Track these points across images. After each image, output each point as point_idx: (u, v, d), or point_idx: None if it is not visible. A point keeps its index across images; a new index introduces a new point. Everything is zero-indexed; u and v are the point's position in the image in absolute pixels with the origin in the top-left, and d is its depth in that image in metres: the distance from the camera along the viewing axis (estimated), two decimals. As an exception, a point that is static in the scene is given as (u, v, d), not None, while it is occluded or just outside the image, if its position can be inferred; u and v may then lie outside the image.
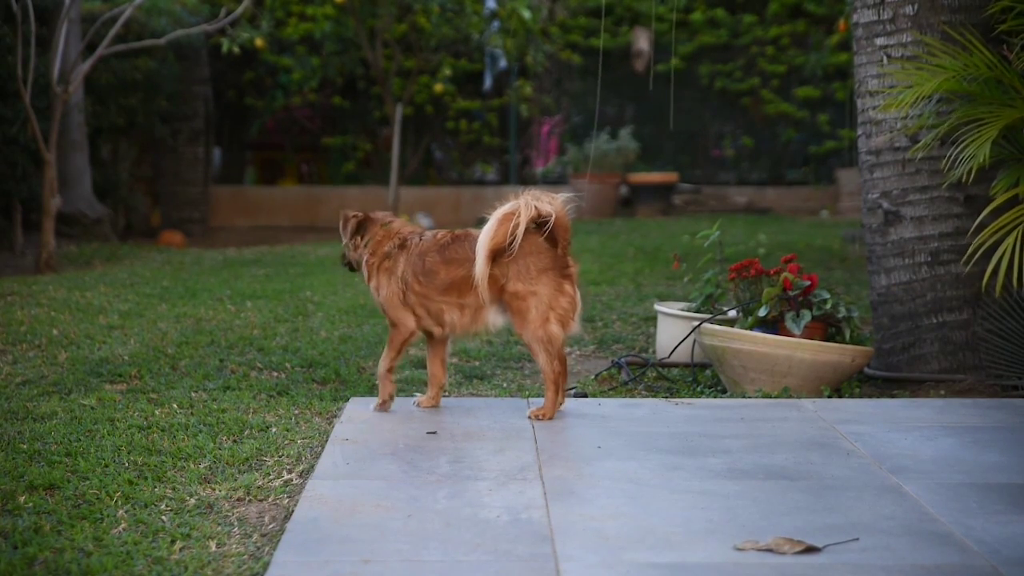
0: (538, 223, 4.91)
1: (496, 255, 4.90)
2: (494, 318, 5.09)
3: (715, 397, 5.81)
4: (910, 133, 6.04)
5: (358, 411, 5.25)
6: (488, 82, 18.59)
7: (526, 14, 15.84)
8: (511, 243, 4.86)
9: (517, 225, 4.83)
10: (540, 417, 5.08)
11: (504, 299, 5.00)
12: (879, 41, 6.13)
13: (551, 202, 4.90)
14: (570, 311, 4.97)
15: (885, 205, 6.15)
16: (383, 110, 17.44)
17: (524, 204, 4.86)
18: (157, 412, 5.21)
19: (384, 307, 5.20)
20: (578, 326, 5.10)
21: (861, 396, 5.87)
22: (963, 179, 5.81)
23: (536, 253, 4.93)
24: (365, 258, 5.21)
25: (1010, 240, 5.58)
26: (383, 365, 5.21)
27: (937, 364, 6.06)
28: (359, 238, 5.23)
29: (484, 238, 4.87)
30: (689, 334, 6.23)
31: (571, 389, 5.99)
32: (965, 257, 5.90)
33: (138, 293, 8.56)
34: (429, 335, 5.24)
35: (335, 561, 3.49)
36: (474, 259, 4.91)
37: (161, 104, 14.82)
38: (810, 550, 3.57)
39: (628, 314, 8.12)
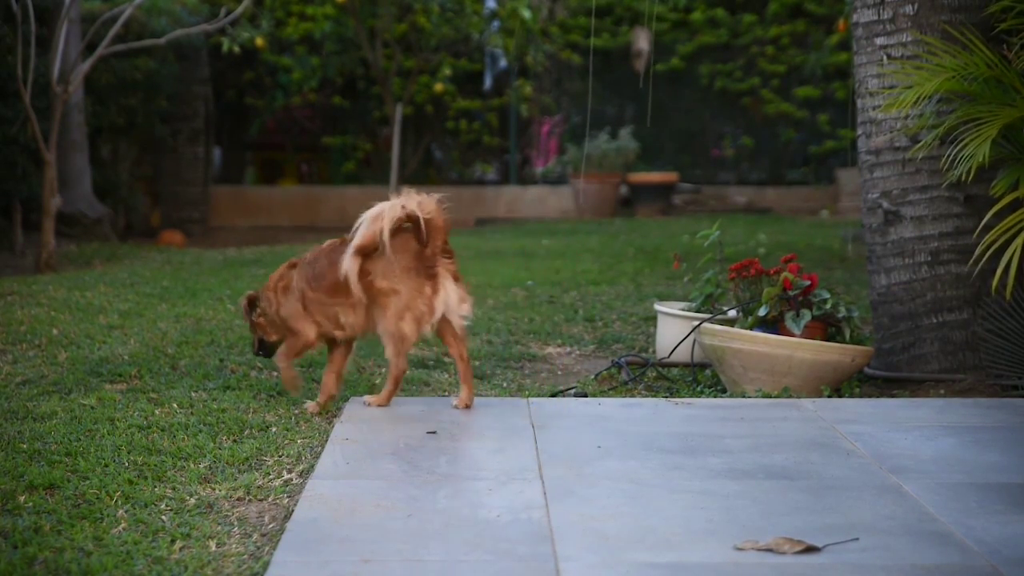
0: (415, 223, 5.05)
1: (366, 253, 5.05)
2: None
3: (715, 397, 5.80)
4: (910, 133, 6.04)
5: (358, 411, 5.25)
6: (488, 82, 18.60)
7: (526, 14, 15.84)
8: (380, 244, 5.02)
9: (383, 227, 5.00)
10: (371, 404, 5.24)
11: (375, 295, 5.14)
12: (879, 41, 6.13)
13: (421, 203, 5.05)
14: (424, 315, 5.10)
15: (885, 205, 6.15)
16: (383, 110, 17.45)
17: (391, 205, 5.03)
18: (157, 412, 5.21)
19: (286, 321, 5.31)
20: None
21: (861, 396, 5.87)
22: (963, 178, 5.81)
23: (403, 251, 5.07)
24: (267, 299, 5.36)
25: (1018, 242, 5.57)
26: (283, 369, 5.40)
27: (937, 364, 6.06)
28: (256, 310, 5.42)
29: (355, 236, 5.06)
30: (689, 334, 6.23)
31: (571, 389, 5.99)
32: (972, 260, 5.88)
33: (138, 293, 8.56)
34: (332, 342, 5.36)
35: (335, 561, 3.49)
36: None
37: (161, 104, 14.82)
38: (810, 550, 3.57)
39: (628, 314, 8.12)
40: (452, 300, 5.12)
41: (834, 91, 17.72)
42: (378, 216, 5.03)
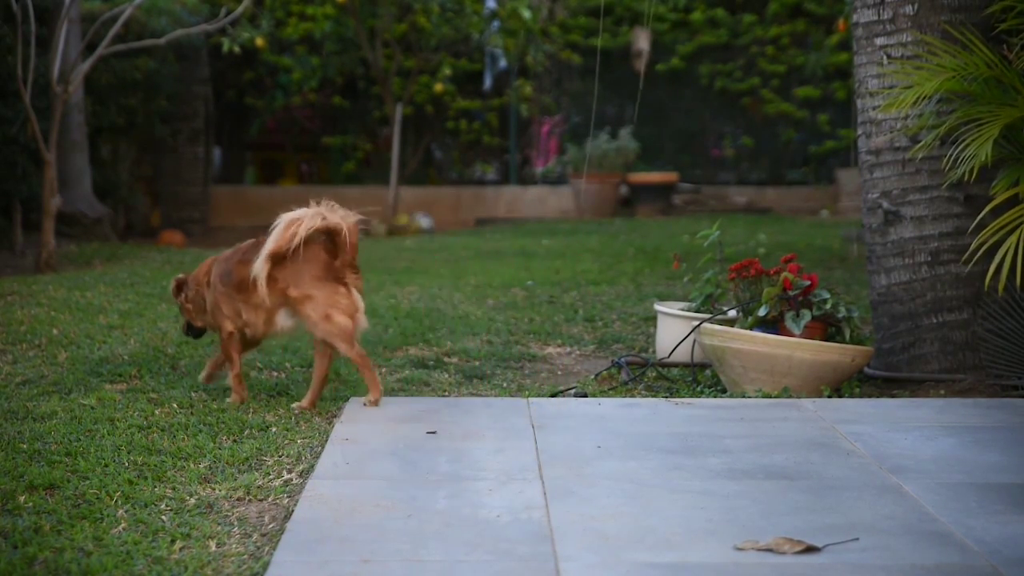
0: (328, 235, 5.19)
1: (277, 258, 5.15)
2: (283, 320, 5.34)
3: (715, 397, 5.80)
4: (910, 133, 6.04)
5: (358, 411, 5.25)
6: (488, 82, 18.60)
7: (526, 14, 15.85)
8: (292, 248, 5.13)
9: (297, 232, 5.12)
10: (372, 403, 5.29)
11: (289, 303, 5.27)
12: (879, 41, 6.13)
13: (343, 217, 5.20)
14: (350, 307, 5.22)
15: (885, 205, 6.15)
16: (383, 110, 17.45)
17: (312, 214, 5.14)
18: (157, 412, 5.22)
19: (213, 315, 5.50)
20: (365, 322, 5.33)
21: (861, 396, 5.87)
22: (964, 178, 5.82)
23: (313, 261, 5.19)
24: (195, 290, 5.55)
25: (1012, 239, 5.58)
26: (231, 373, 5.45)
27: (937, 364, 6.06)
28: (184, 295, 5.61)
29: (269, 241, 5.15)
30: (689, 334, 6.23)
31: (571, 389, 5.99)
32: (966, 256, 5.89)
33: (138, 293, 8.56)
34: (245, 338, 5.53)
35: (335, 561, 3.49)
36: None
37: (161, 104, 14.82)
38: (810, 550, 3.57)
39: (628, 314, 8.12)
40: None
41: (834, 91, 17.72)
42: (294, 222, 5.14)
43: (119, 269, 10.48)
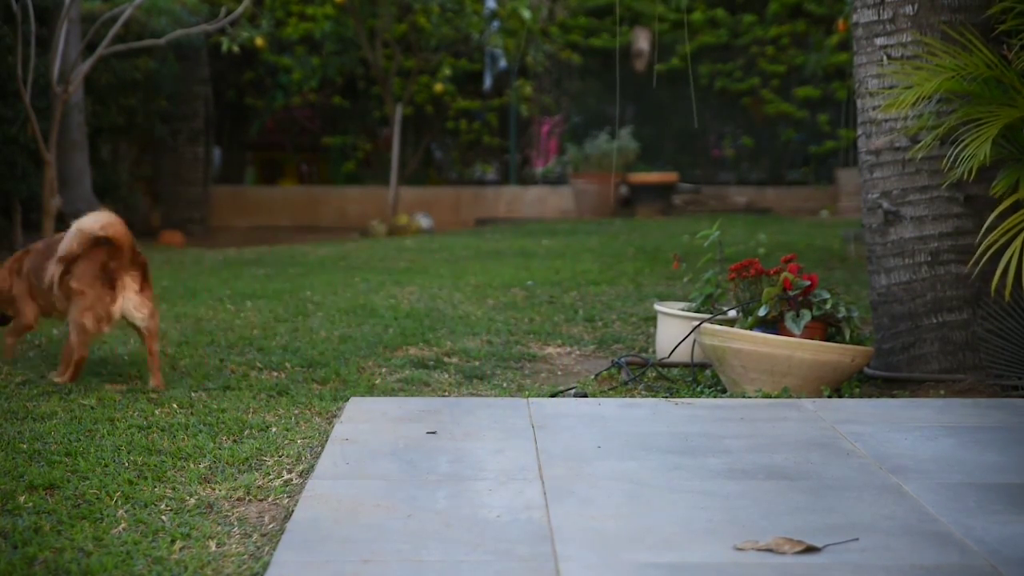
0: (108, 241, 5.65)
1: (68, 260, 5.71)
2: None
3: (715, 397, 5.80)
4: (910, 134, 6.04)
5: (358, 411, 5.25)
6: (488, 82, 18.60)
7: (526, 14, 15.86)
8: (79, 253, 5.65)
9: (79, 240, 5.65)
10: (56, 380, 5.75)
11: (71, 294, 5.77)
12: (879, 41, 6.13)
13: (104, 225, 5.65)
14: (104, 316, 5.70)
15: (885, 205, 6.15)
16: (383, 110, 17.46)
17: (89, 223, 5.66)
18: (157, 412, 5.22)
19: (14, 301, 6.08)
20: (109, 328, 5.74)
21: (861, 396, 5.87)
22: (964, 178, 5.81)
23: (93, 261, 5.67)
24: (2, 278, 6.11)
25: (1017, 243, 5.57)
26: (6, 347, 6.12)
27: (937, 364, 6.06)
28: None
29: (62, 246, 5.73)
30: (689, 334, 6.23)
31: (571, 389, 5.99)
32: (972, 261, 5.88)
33: (138, 293, 8.54)
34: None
35: (335, 561, 3.49)
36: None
37: (161, 104, 14.82)
38: (810, 550, 3.57)
39: (628, 314, 8.12)
40: (129, 307, 5.73)
41: (834, 91, 17.72)
42: (81, 229, 5.68)
43: (119, 269, 10.46)
